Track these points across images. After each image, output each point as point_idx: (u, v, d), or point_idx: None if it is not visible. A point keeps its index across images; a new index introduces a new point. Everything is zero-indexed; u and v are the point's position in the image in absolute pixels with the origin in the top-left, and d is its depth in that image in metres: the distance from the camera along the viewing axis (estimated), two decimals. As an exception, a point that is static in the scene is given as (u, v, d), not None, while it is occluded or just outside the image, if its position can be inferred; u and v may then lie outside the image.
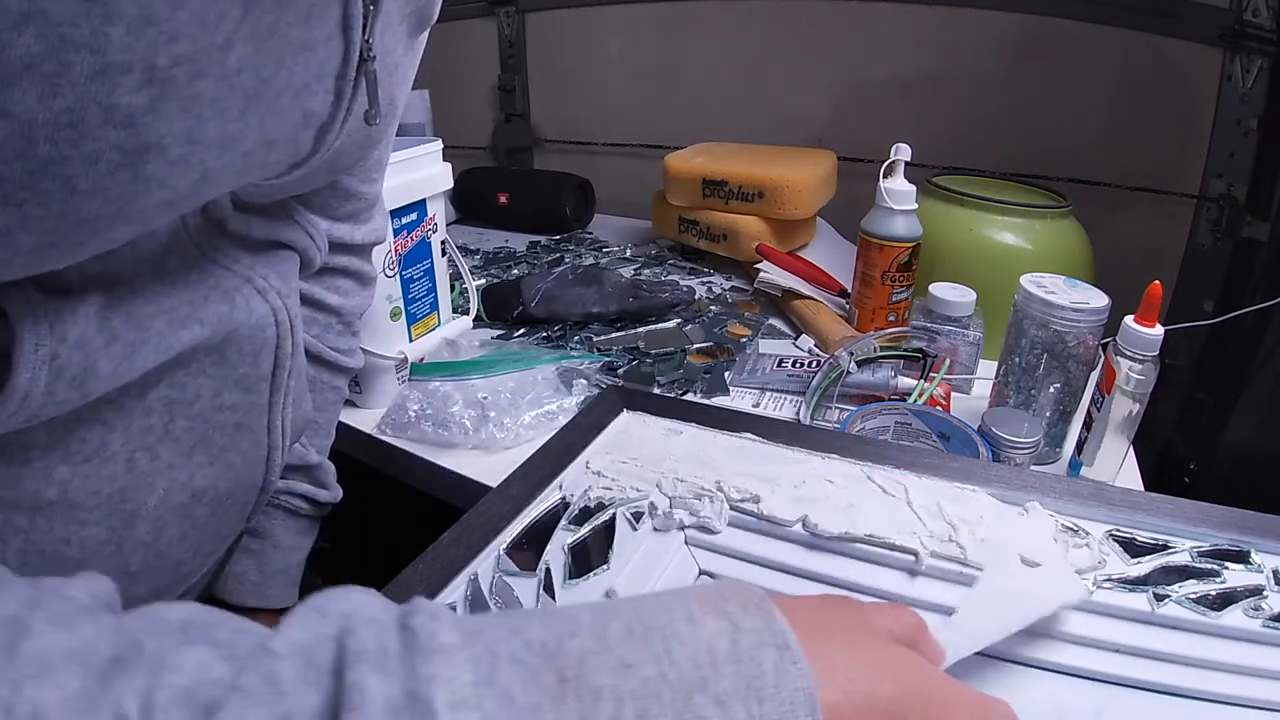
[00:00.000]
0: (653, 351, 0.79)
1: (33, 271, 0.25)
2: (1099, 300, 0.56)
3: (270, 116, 0.28)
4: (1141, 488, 0.58)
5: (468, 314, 0.85)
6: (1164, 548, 0.40)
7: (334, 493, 0.54)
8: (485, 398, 0.65)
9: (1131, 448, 0.56)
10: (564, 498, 0.46)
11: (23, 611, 0.17)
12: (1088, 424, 0.56)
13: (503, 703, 0.16)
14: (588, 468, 0.48)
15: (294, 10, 0.27)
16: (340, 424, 0.67)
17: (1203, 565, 0.39)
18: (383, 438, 0.65)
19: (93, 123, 0.21)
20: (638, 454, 0.50)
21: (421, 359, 0.74)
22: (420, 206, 0.72)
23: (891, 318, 0.78)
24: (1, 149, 0.20)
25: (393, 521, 0.67)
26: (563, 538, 0.43)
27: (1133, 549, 0.40)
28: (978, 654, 0.36)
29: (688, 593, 0.21)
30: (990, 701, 0.25)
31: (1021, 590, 0.36)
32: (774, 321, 0.88)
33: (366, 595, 0.19)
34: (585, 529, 0.43)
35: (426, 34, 0.43)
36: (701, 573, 0.42)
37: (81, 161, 0.22)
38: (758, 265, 0.92)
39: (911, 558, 0.39)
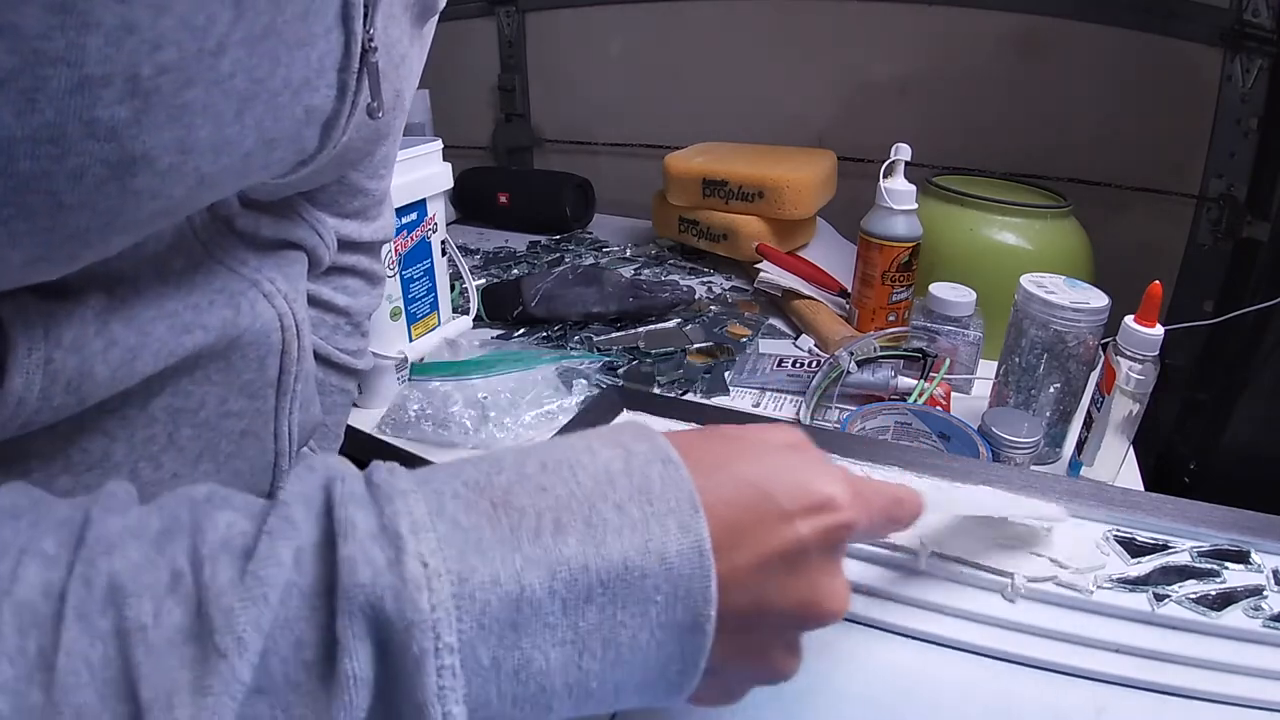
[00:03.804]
0: (653, 351, 0.79)
1: (26, 283, 0.25)
2: (1099, 300, 0.56)
3: (269, 116, 0.27)
4: (1141, 488, 0.58)
5: (468, 314, 0.86)
6: (1164, 548, 0.40)
7: None
8: (485, 398, 0.65)
9: (1131, 448, 0.56)
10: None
11: (78, 512, 0.21)
12: (1088, 424, 0.56)
13: (451, 526, 0.21)
14: (588, 468, 0.48)
15: (291, 7, 0.26)
16: (340, 424, 0.67)
17: (1203, 565, 0.39)
18: (383, 438, 0.65)
19: (74, 137, 0.21)
20: (638, 454, 0.50)
21: (421, 359, 0.74)
22: (420, 206, 0.72)
23: (891, 318, 0.78)
24: None
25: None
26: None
27: (1133, 549, 0.40)
28: (976, 654, 0.36)
29: (588, 433, 0.26)
30: (855, 480, 0.28)
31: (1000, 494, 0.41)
32: (774, 321, 0.88)
33: (341, 461, 0.24)
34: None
35: (434, 23, 0.42)
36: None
37: (65, 177, 0.21)
38: (758, 265, 0.92)
39: (912, 556, 0.39)
